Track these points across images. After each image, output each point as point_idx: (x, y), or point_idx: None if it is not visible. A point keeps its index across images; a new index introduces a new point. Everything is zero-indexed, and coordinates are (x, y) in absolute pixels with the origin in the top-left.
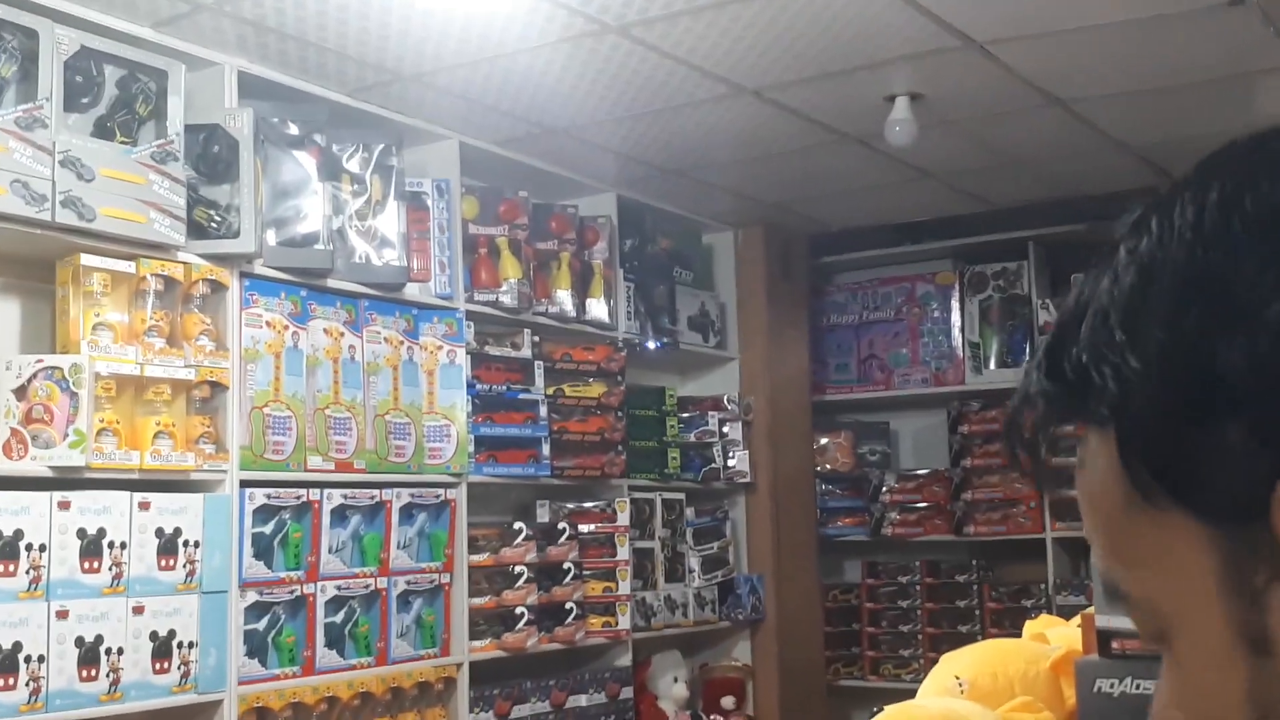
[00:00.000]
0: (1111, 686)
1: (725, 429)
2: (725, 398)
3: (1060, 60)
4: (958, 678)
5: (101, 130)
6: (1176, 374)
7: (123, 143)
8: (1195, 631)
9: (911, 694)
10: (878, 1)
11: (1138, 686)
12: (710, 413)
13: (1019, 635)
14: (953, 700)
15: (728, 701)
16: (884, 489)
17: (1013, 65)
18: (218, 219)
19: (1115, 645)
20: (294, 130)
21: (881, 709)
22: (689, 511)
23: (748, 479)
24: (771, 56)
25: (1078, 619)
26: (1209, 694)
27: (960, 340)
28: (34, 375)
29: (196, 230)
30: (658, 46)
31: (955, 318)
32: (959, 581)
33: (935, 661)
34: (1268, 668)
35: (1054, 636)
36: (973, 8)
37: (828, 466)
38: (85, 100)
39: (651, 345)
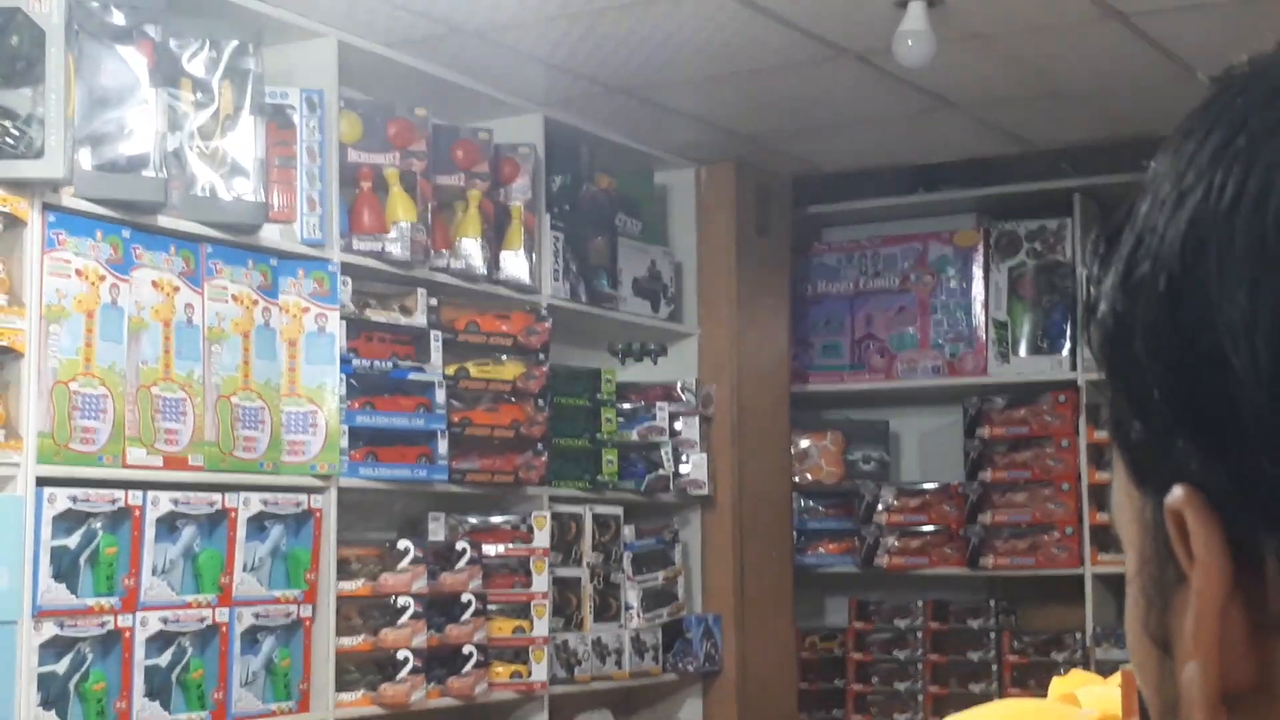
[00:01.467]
0: None
1: (678, 425)
2: (679, 385)
3: None
4: None
5: None
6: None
7: None
8: (1129, 595)
9: None
10: None
11: None
12: (659, 404)
13: (1044, 696)
14: None
15: None
16: (880, 507)
17: None
18: (15, 133)
19: None
20: (119, 19)
21: None
22: (627, 531)
23: (704, 491)
24: None
25: (1117, 676)
26: (1137, 661)
27: (983, 319)
28: None
29: None
30: None
31: (978, 289)
32: (972, 628)
33: None
34: (1166, 666)
35: (1086, 698)
36: None
37: (809, 477)
38: None
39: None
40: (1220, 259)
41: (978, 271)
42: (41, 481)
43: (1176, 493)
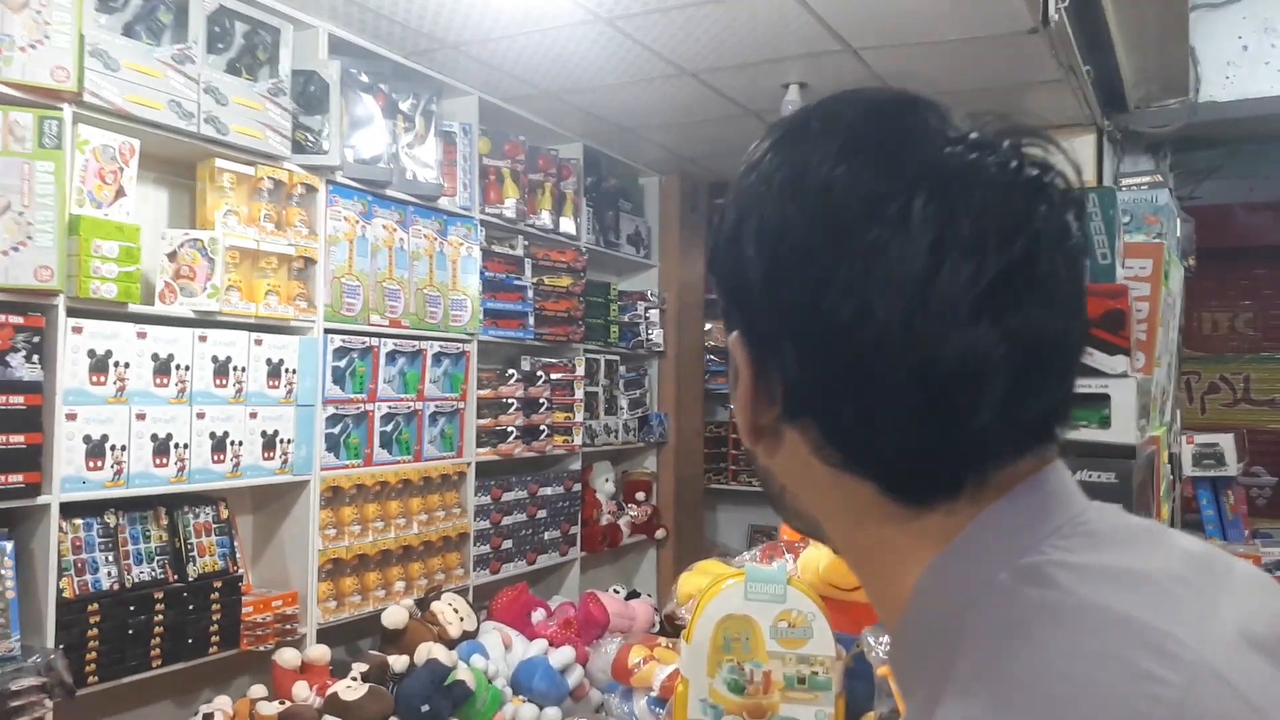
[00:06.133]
0: None
1: (648, 314)
2: (649, 292)
3: (908, 65)
4: None
5: (232, 69)
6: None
7: (247, 80)
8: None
9: (761, 494)
10: (788, 10)
11: None
12: (639, 302)
13: None
14: None
15: (640, 495)
16: None
17: (875, 66)
18: (312, 140)
19: None
20: (366, 80)
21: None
22: (622, 368)
23: (661, 349)
24: (711, 47)
25: None
26: (735, 411)
27: None
28: (182, 244)
29: (297, 147)
30: (632, 35)
31: None
32: None
33: None
34: (737, 415)
35: None
36: (853, 21)
37: (711, 343)
38: (221, 46)
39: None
40: (753, 232)
41: None
42: (326, 331)
43: (732, 335)
